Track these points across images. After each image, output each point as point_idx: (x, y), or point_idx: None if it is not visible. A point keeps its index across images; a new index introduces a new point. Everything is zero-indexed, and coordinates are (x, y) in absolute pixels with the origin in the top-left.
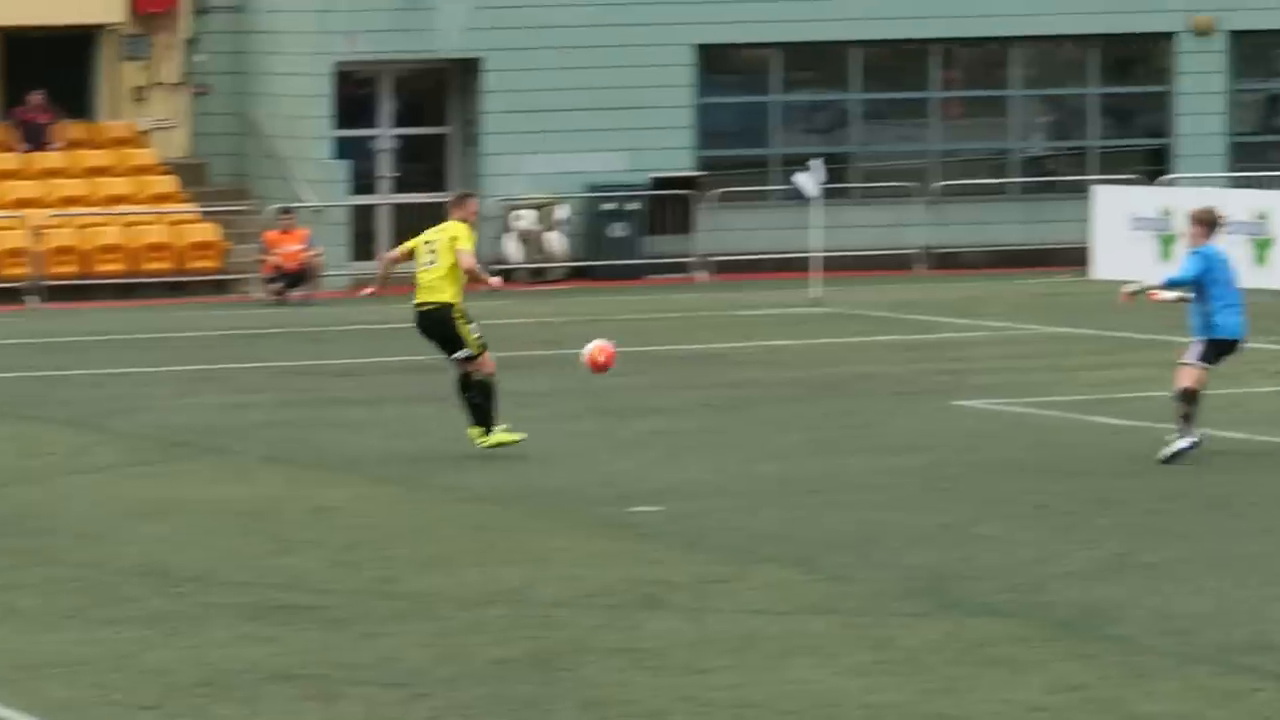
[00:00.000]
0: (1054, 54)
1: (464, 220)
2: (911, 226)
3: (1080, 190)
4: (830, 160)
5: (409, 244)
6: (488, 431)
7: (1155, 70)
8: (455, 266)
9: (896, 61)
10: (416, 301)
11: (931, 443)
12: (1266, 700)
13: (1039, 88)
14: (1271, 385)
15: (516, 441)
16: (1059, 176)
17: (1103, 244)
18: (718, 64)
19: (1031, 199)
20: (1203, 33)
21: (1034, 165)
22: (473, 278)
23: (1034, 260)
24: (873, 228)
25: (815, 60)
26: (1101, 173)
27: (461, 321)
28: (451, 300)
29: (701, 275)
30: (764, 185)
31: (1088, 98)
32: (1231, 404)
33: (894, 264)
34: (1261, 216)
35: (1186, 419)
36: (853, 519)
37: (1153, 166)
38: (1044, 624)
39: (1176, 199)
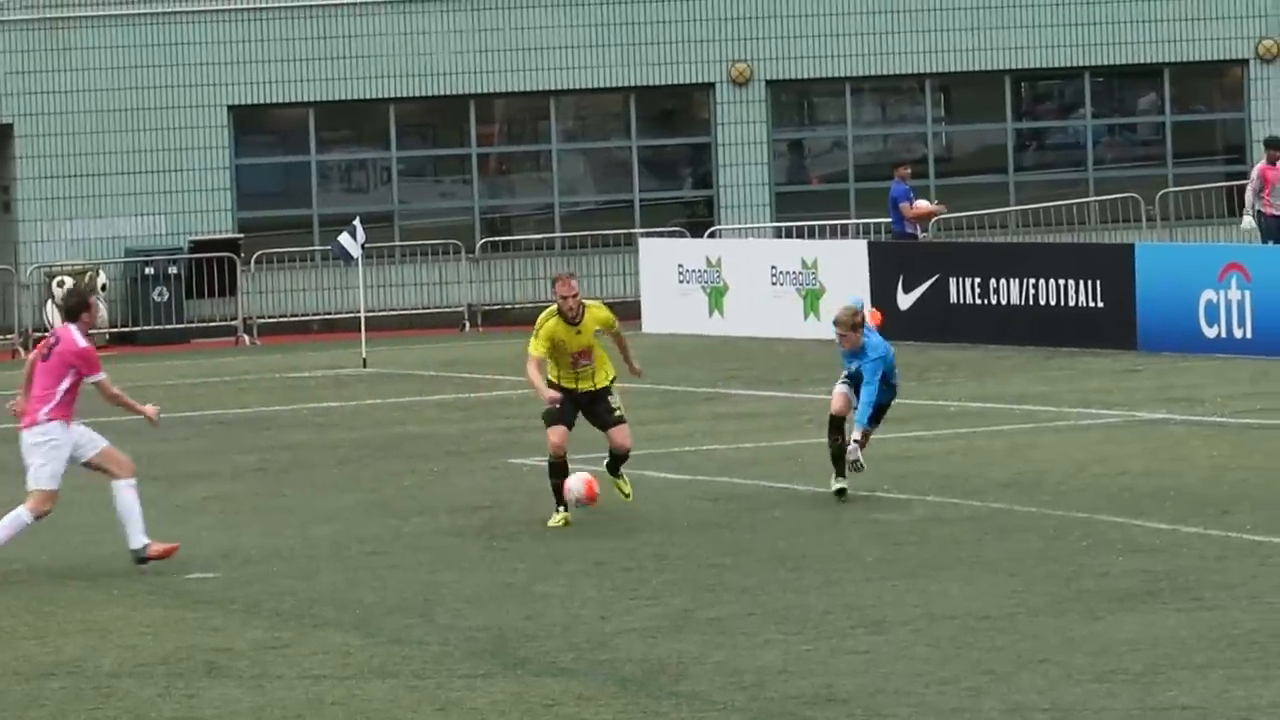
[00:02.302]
0: (595, 106)
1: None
2: (457, 284)
3: (628, 244)
4: (372, 219)
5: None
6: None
7: (697, 121)
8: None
9: (433, 118)
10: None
11: (489, 501)
12: None
13: (581, 141)
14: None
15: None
16: (608, 230)
17: (651, 297)
18: (252, 124)
19: (578, 253)
20: (741, 83)
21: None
22: None
23: None
24: (418, 286)
25: (351, 118)
26: (646, 225)
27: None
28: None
29: (247, 338)
30: (306, 246)
31: (631, 150)
32: (785, 456)
33: (441, 322)
34: (809, 266)
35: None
36: (413, 580)
37: (699, 218)
38: (610, 681)
39: (723, 250)
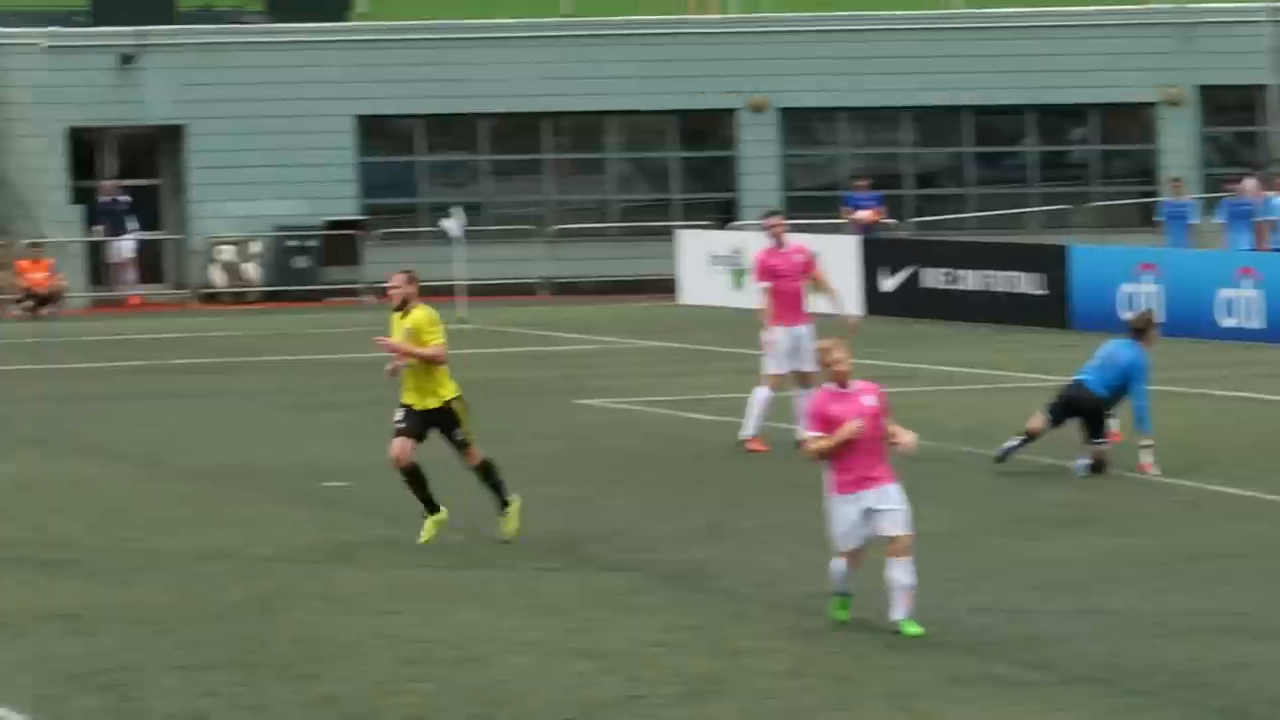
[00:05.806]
0: (641, 125)
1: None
2: (534, 260)
3: (667, 234)
4: (467, 208)
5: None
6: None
7: (722, 139)
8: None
9: (515, 130)
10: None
11: (559, 433)
12: (843, 640)
13: (630, 151)
14: None
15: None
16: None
17: (687, 276)
18: (374, 130)
19: (629, 239)
20: (758, 109)
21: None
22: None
23: (634, 289)
24: (504, 261)
25: (451, 128)
26: (684, 220)
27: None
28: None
29: (369, 299)
30: (416, 227)
31: (669, 160)
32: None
33: (522, 290)
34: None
35: None
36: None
37: (724, 215)
38: (657, 578)
39: (743, 240)
